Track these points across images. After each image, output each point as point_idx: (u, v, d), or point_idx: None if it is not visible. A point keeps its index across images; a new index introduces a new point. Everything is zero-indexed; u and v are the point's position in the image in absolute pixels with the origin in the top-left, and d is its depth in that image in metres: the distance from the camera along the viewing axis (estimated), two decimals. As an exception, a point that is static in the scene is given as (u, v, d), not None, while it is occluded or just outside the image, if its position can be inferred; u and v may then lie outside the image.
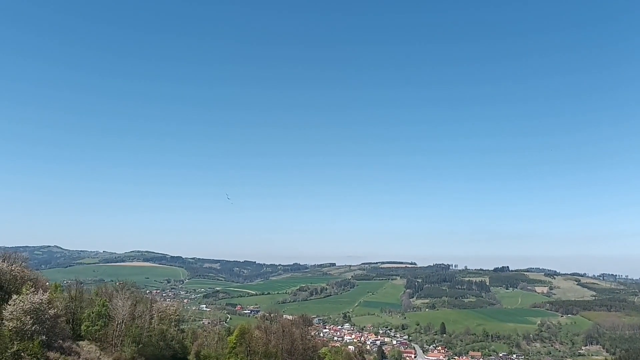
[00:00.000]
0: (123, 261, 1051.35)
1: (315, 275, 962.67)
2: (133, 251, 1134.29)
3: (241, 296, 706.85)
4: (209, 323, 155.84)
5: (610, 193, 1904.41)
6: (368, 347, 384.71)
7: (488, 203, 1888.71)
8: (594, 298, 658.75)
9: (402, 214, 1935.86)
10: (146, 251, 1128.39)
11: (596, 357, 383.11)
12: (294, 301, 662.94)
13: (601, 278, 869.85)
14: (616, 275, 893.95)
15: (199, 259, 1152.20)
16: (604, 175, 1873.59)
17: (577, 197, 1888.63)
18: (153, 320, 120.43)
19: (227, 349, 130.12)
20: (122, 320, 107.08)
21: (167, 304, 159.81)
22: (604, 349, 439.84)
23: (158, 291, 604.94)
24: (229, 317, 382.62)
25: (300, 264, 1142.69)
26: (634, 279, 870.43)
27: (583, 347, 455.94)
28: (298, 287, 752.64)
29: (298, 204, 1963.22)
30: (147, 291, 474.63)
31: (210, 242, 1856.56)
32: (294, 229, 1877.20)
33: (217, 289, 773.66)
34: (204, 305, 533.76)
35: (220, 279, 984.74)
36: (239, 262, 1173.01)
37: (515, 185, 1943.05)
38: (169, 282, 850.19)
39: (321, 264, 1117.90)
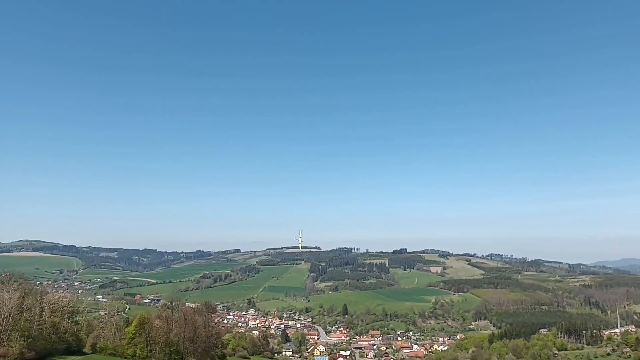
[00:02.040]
0: (10, 251, 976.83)
1: (219, 262, 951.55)
2: (21, 240, 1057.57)
3: (141, 285, 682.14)
4: (105, 314, 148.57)
5: (493, 179, 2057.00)
6: (272, 331, 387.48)
7: (387, 187, 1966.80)
8: (482, 276, 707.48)
9: (306, 201, 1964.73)
10: (36, 240, 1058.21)
11: (484, 331, 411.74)
12: (197, 289, 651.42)
13: (489, 258, 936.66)
14: (502, 255, 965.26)
15: (94, 247, 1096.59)
16: (487, 163, 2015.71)
17: (467, 183, 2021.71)
18: (44, 313, 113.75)
19: (126, 339, 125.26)
20: (9, 314, 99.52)
21: (60, 295, 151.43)
22: (491, 323, 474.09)
23: (50, 282, 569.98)
24: (128, 307, 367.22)
25: (204, 251, 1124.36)
26: (518, 258, 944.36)
27: (473, 323, 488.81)
28: (201, 275, 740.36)
29: (201, 192, 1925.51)
30: (38, 283, 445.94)
31: (107, 230, 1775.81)
32: (196, 215, 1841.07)
33: (115, 278, 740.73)
34: (101, 296, 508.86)
35: (118, 268, 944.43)
36: (139, 250, 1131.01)
37: (412, 171, 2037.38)
38: (61, 273, 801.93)
39: (225, 251, 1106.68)
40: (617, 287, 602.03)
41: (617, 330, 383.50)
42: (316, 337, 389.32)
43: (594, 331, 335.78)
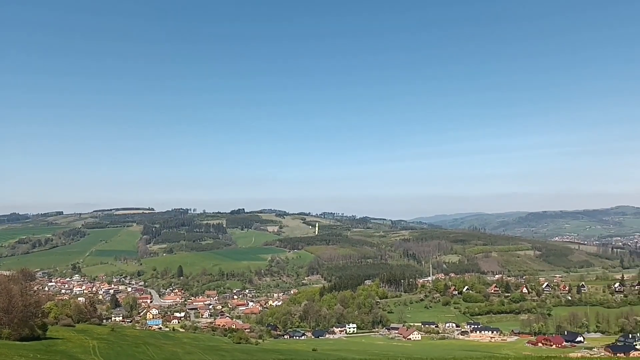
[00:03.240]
0: None
1: (38, 225, 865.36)
2: None
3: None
4: None
5: (325, 143, 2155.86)
6: (100, 297, 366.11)
7: (223, 146, 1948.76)
8: (316, 234, 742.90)
9: (137, 160, 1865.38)
10: None
11: (316, 285, 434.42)
12: (12, 255, 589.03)
13: (323, 216, 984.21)
14: (334, 213, 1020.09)
15: None
16: (319, 129, 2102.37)
17: (301, 146, 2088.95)
18: None
19: None
20: None
21: None
22: (322, 277, 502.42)
23: None
24: None
25: (20, 213, 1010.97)
26: (348, 216, 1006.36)
27: (306, 278, 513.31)
28: (17, 240, 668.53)
29: (11, 148, 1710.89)
30: None
31: None
32: (9, 175, 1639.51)
33: None
34: None
35: None
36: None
37: (248, 133, 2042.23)
38: None
39: (46, 213, 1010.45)
40: (430, 240, 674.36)
41: (429, 278, 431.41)
42: (149, 301, 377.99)
43: (411, 280, 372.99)
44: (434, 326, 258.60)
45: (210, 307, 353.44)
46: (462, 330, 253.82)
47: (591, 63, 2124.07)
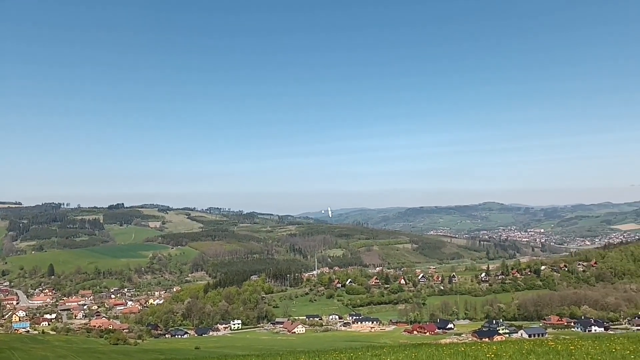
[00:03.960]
0: None
1: None
2: None
3: None
4: None
5: (208, 138, 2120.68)
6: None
7: (100, 140, 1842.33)
8: (201, 230, 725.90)
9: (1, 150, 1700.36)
10: None
11: (200, 282, 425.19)
12: None
13: (209, 211, 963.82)
14: (221, 208, 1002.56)
15: None
16: (201, 125, 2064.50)
17: (185, 140, 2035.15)
18: None
19: None
20: None
21: None
22: (207, 274, 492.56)
23: None
24: None
25: None
26: (235, 211, 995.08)
27: (190, 275, 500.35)
28: None
29: None
30: None
31: None
32: None
33: None
34: None
35: None
36: None
37: (131, 125, 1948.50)
38: None
39: None
40: (316, 235, 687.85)
41: (314, 272, 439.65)
42: (15, 302, 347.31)
43: (297, 274, 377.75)
44: (318, 319, 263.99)
45: (85, 307, 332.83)
46: (345, 321, 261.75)
47: (458, 70, 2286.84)
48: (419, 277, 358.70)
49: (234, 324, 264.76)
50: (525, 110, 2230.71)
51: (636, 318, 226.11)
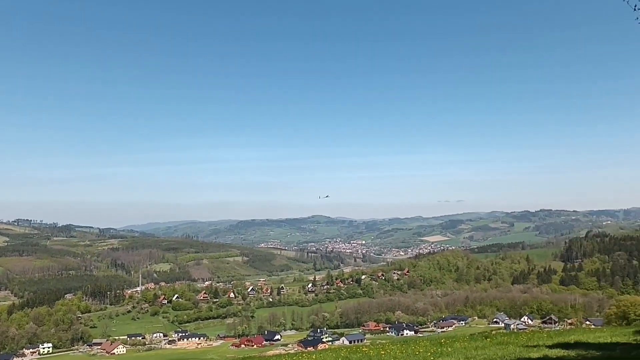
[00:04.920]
0: None
1: None
2: None
3: None
4: None
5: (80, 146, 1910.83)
6: None
7: None
8: (7, 244, 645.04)
9: None
10: None
11: (3, 303, 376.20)
12: None
13: (16, 223, 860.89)
14: (31, 220, 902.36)
15: None
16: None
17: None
18: None
19: None
20: None
21: None
22: (12, 293, 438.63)
23: None
24: None
25: None
26: (48, 223, 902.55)
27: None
28: None
29: None
30: None
31: None
32: None
33: None
34: None
35: None
36: None
37: None
38: None
39: None
40: (142, 249, 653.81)
41: (138, 288, 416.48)
42: None
43: (118, 291, 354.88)
44: (140, 338, 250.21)
45: None
46: (170, 339, 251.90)
47: (281, 87, 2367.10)
48: (249, 290, 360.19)
49: (44, 348, 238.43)
50: (344, 129, 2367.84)
51: (441, 321, 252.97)
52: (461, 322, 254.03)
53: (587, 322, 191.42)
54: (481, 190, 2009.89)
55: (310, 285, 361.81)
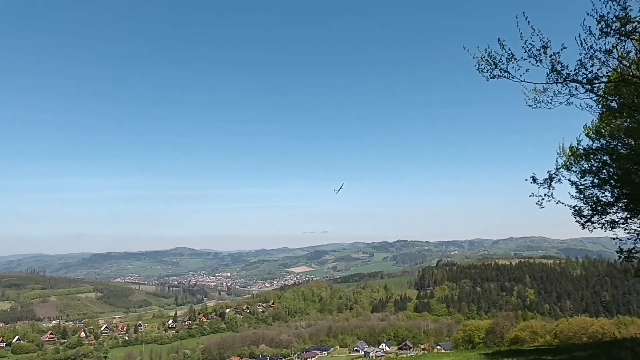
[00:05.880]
0: None
1: None
2: None
3: None
4: None
5: None
6: None
7: None
8: None
9: None
10: None
11: None
12: None
13: None
14: None
15: None
16: None
17: None
18: None
19: None
20: None
21: None
22: None
23: None
24: None
25: None
26: None
27: None
28: None
29: None
30: None
31: None
32: None
33: None
34: None
35: None
36: None
37: None
38: None
39: None
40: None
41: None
42: None
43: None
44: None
45: None
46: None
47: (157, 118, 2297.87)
48: (102, 329, 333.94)
49: None
50: (208, 161, 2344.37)
51: (304, 352, 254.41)
52: (324, 352, 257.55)
53: (438, 347, 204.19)
54: (344, 221, 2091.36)
55: (170, 321, 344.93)
